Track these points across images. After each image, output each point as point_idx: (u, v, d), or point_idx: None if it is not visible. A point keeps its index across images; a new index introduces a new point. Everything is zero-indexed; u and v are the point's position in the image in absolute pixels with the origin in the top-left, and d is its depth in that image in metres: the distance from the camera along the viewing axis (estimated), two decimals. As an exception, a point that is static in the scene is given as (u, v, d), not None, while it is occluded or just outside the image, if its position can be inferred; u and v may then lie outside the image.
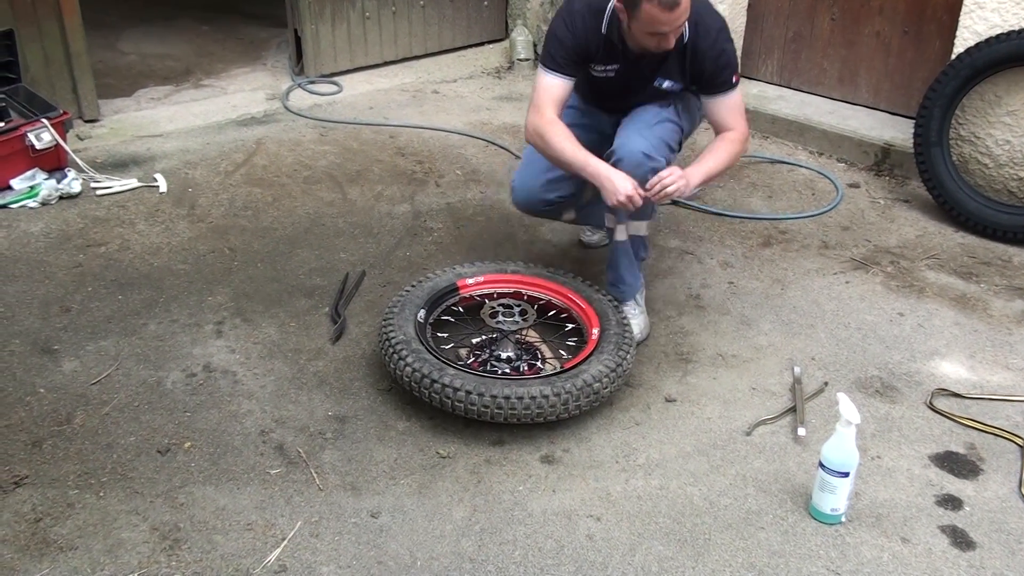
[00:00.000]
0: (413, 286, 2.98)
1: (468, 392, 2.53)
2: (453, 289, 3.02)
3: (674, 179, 2.75)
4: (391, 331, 2.74)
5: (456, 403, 2.55)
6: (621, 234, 3.04)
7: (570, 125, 2.94)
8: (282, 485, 2.45)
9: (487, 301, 2.99)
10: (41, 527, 2.28)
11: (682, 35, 2.82)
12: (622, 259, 3.08)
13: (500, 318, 2.89)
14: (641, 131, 2.93)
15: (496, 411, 2.53)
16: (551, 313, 3.05)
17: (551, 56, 2.91)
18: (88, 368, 2.89)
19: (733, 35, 2.95)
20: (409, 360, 2.63)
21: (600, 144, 2.98)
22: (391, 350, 2.68)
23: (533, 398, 2.52)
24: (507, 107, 5.31)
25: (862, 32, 4.74)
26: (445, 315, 3.02)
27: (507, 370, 2.81)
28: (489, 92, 5.57)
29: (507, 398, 2.52)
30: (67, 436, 2.59)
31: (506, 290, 3.07)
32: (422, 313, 2.87)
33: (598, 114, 3.20)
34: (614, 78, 3.01)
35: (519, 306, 2.94)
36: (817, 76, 5.01)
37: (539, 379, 2.61)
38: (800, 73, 5.07)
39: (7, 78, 4.18)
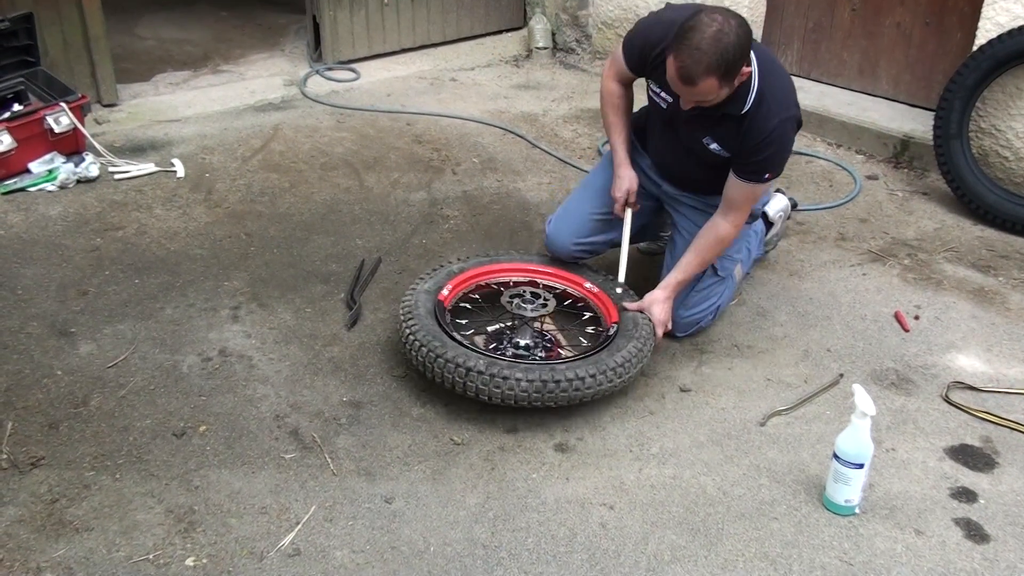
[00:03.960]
0: (429, 273, 2.98)
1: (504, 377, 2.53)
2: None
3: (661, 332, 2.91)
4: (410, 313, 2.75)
5: (493, 389, 2.54)
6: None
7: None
8: (296, 469, 2.46)
9: (503, 290, 2.99)
10: (57, 508, 2.30)
11: (744, 103, 2.69)
12: None
13: (520, 303, 2.89)
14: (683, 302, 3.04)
15: (520, 394, 2.53)
16: (567, 302, 3.05)
17: (630, 40, 2.94)
18: (105, 351, 2.91)
19: (752, 26, 2.86)
20: (425, 341, 2.63)
21: (655, 212, 3.26)
22: (408, 332, 2.69)
23: (558, 381, 2.53)
24: (525, 95, 5.30)
25: (883, 23, 4.70)
26: (463, 302, 3.02)
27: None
28: (507, 80, 5.55)
29: (531, 381, 2.52)
30: (84, 418, 2.61)
31: (522, 279, 3.07)
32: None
33: (661, 183, 3.15)
34: (665, 111, 2.89)
35: (537, 294, 2.94)
36: (837, 67, 4.97)
37: (566, 361, 2.64)
38: (820, 64, 5.04)
39: (26, 61, 4.20)
